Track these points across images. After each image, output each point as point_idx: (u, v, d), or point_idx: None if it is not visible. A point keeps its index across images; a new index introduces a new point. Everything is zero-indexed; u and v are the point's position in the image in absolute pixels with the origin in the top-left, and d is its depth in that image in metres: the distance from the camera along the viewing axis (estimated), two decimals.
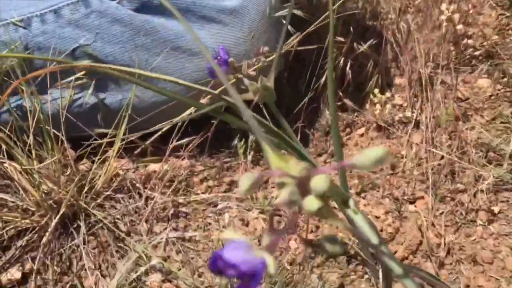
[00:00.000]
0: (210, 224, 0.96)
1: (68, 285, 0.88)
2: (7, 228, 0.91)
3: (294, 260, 0.91)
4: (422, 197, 1.09)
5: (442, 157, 1.13)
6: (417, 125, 1.25)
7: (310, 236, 0.98)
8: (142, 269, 0.86)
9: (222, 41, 1.06)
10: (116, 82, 1.04)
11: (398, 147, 1.20)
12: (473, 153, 1.17)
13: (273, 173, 0.38)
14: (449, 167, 1.12)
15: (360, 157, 0.39)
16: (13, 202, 0.92)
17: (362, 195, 1.11)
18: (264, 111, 0.77)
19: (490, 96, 1.34)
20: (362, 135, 1.25)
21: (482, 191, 1.11)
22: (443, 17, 1.33)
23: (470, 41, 1.49)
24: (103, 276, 0.89)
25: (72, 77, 0.97)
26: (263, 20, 1.08)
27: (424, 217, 1.04)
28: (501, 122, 1.28)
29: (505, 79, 1.37)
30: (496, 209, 1.07)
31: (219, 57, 0.68)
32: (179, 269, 0.87)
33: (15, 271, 0.89)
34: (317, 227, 1.00)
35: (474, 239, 1.02)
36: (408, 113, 1.26)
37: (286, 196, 0.35)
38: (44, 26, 0.99)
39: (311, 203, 0.38)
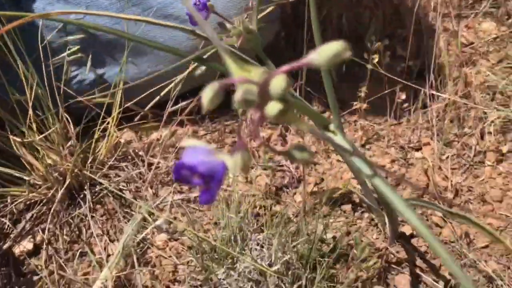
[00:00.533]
0: None
1: (78, 253, 0.90)
2: (16, 202, 0.93)
3: (299, 212, 0.91)
4: (428, 143, 1.08)
5: (448, 103, 1.11)
6: (421, 73, 1.23)
7: (315, 188, 0.97)
8: (148, 229, 0.87)
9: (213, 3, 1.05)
10: (112, 56, 1.05)
11: (402, 96, 1.18)
12: (480, 96, 1.15)
13: (235, 80, 0.38)
14: (455, 111, 1.10)
15: (316, 55, 0.39)
16: (19, 177, 0.93)
17: (367, 146, 1.10)
18: None
19: (495, 38, 1.31)
20: (371, 87, 1.23)
21: (489, 132, 1.09)
22: None
23: None
24: (111, 241, 0.91)
25: (65, 53, 0.98)
26: None
27: (431, 162, 1.03)
28: (508, 64, 1.25)
29: (510, 20, 1.33)
30: (504, 148, 1.05)
31: (197, 2, 0.68)
32: (185, 229, 0.88)
33: (27, 242, 0.91)
34: (322, 179, 1.00)
35: (483, 180, 1.00)
36: (411, 62, 1.24)
37: (241, 95, 0.36)
38: (34, 3, 1.00)
39: (272, 106, 0.38)
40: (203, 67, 0.97)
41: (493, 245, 0.89)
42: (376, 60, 1.08)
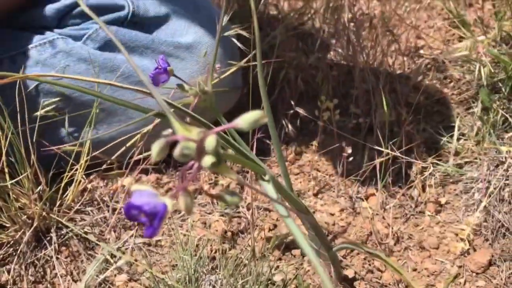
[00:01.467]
0: (173, 229, 1.04)
1: None
2: None
3: (253, 255, 0.98)
4: (374, 194, 1.17)
5: (396, 157, 1.22)
6: (371, 130, 1.34)
7: (270, 234, 1.05)
8: (109, 270, 0.93)
9: (180, 75, 1.16)
10: (85, 116, 1.12)
11: (355, 151, 1.28)
12: (423, 151, 1.26)
13: (177, 138, 0.47)
14: (399, 165, 1.21)
15: (240, 120, 0.49)
16: None
17: (320, 196, 1.19)
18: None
19: (438, 100, 1.44)
20: (322, 142, 1.33)
21: (430, 185, 1.19)
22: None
23: (421, 51, 1.60)
24: (75, 281, 0.96)
25: (39, 112, 1.06)
26: (217, 50, 1.18)
27: (375, 211, 1.12)
28: (449, 123, 1.37)
29: (452, 83, 1.47)
30: (443, 200, 1.15)
31: (159, 67, 0.78)
32: (144, 271, 0.94)
33: None
34: (275, 226, 1.08)
35: (422, 228, 1.09)
36: (361, 120, 1.36)
37: (179, 151, 0.45)
38: (14, 66, 1.09)
39: (207, 159, 0.47)
40: (170, 130, 1.06)
41: None
42: (326, 117, 1.19)
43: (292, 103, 1.23)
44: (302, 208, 0.75)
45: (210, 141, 0.47)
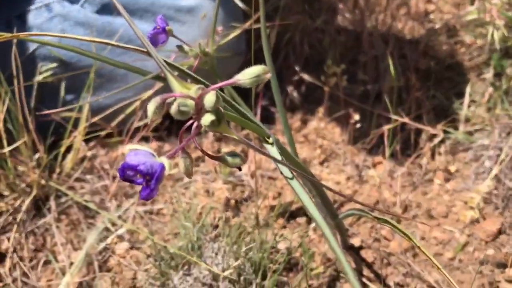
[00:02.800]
0: (176, 197, 1.01)
1: (42, 261, 0.93)
2: None
3: (257, 223, 0.96)
4: (381, 162, 1.14)
5: (404, 124, 1.18)
6: (379, 97, 1.30)
7: (274, 202, 1.02)
8: (110, 238, 0.91)
9: (182, 38, 1.12)
10: (83, 81, 1.09)
11: (362, 118, 1.25)
12: (433, 118, 1.22)
13: (176, 95, 0.44)
14: (407, 132, 1.17)
15: (241, 75, 0.46)
16: None
17: (325, 164, 1.16)
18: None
19: (449, 65, 1.39)
20: (328, 108, 1.30)
21: (439, 153, 1.16)
22: None
23: (431, 16, 1.55)
24: (75, 250, 0.94)
25: (36, 78, 1.03)
26: (218, 14, 1.13)
27: (382, 179, 1.09)
28: (460, 90, 1.33)
29: (463, 49, 1.42)
30: (452, 168, 1.12)
31: (158, 26, 0.74)
32: (147, 238, 0.92)
33: None
34: (279, 194, 1.05)
35: (431, 196, 1.06)
36: (369, 86, 1.32)
37: (175, 107, 0.42)
38: (9, 30, 1.05)
39: (206, 118, 0.44)
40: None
41: (437, 258, 0.95)
42: (333, 83, 1.15)
43: (297, 69, 1.19)
44: (308, 174, 0.72)
45: (210, 98, 0.43)
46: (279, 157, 0.51)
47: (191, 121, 0.46)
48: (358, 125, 1.17)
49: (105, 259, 0.92)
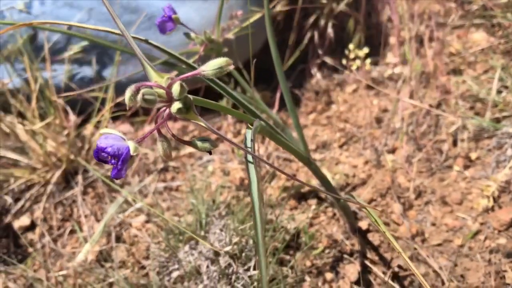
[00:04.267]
0: (195, 175, 1.06)
1: (69, 230, 1.01)
2: (18, 183, 1.05)
3: (270, 205, 0.99)
4: (402, 147, 1.14)
5: (428, 111, 1.17)
6: (407, 81, 1.29)
7: (288, 183, 1.05)
8: (128, 211, 0.97)
9: (204, 14, 1.15)
10: (110, 57, 1.15)
11: (386, 103, 1.24)
12: (459, 104, 1.20)
13: (149, 84, 0.48)
14: (433, 118, 1.16)
15: (205, 67, 0.49)
16: (22, 161, 1.05)
17: (345, 147, 1.17)
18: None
19: (483, 49, 1.35)
20: (352, 92, 1.30)
21: (462, 140, 1.14)
22: None
23: None
24: (98, 221, 1.01)
25: (70, 52, 1.09)
26: None
27: (399, 164, 1.09)
28: (492, 75, 1.29)
29: (500, 32, 1.37)
30: (473, 155, 1.10)
31: (165, 15, 0.78)
32: (162, 212, 0.98)
33: (25, 218, 1.03)
34: (294, 175, 1.08)
35: (447, 183, 1.06)
36: (397, 70, 1.31)
37: (140, 96, 0.45)
38: (43, 8, 1.12)
39: (174, 106, 0.48)
40: (200, 63, 1.07)
41: (446, 244, 0.95)
42: (355, 66, 1.16)
43: (320, 52, 1.19)
44: (304, 158, 0.75)
45: (175, 88, 0.47)
46: (249, 142, 0.54)
47: (163, 108, 0.50)
48: (381, 110, 1.17)
49: (124, 231, 0.98)
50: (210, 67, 0.48)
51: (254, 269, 0.81)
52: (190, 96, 0.49)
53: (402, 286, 0.89)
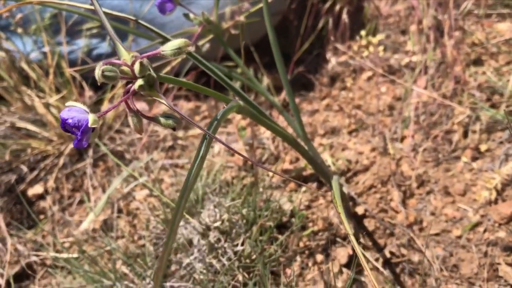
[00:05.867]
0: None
1: (78, 200, 1.06)
2: (34, 153, 1.10)
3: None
4: (413, 136, 1.13)
5: (442, 101, 1.15)
6: (424, 70, 1.27)
7: (290, 166, 1.07)
8: (132, 185, 1.01)
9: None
10: (126, 35, 1.19)
11: (401, 91, 1.23)
12: (476, 95, 1.18)
13: (117, 62, 0.50)
14: (446, 108, 1.15)
15: (165, 47, 0.51)
16: (40, 133, 1.11)
17: (354, 134, 1.17)
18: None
19: (508, 40, 1.32)
20: (368, 79, 1.30)
21: (474, 131, 1.12)
22: None
23: None
24: (105, 193, 1.06)
25: (84, 27, 1.13)
26: None
27: (405, 153, 1.08)
28: None
29: None
30: (483, 147, 1.08)
31: None
32: (167, 188, 1.01)
33: (39, 187, 1.08)
34: (297, 159, 1.09)
35: (452, 174, 1.04)
36: (415, 59, 1.29)
37: (99, 72, 0.48)
38: None
39: (136, 83, 0.51)
40: (208, 45, 1.09)
41: (444, 234, 0.95)
42: (366, 53, 1.15)
43: (332, 38, 1.19)
44: (290, 141, 0.76)
45: (136, 66, 0.50)
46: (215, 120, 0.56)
47: (130, 85, 0.52)
48: (394, 98, 1.16)
49: (127, 203, 1.02)
50: (169, 47, 0.50)
51: (242, 245, 0.83)
52: (154, 74, 0.51)
53: (393, 272, 0.90)
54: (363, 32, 1.14)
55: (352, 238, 0.50)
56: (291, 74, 1.20)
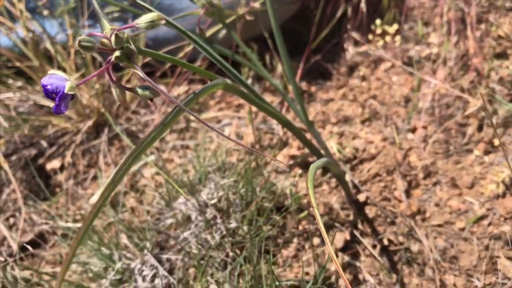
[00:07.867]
0: (211, 137, 1.11)
1: (92, 175, 1.10)
2: (54, 130, 1.16)
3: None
4: (425, 127, 1.12)
5: (459, 94, 1.13)
6: (444, 62, 1.25)
7: (297, 152, 1.07)
8: (141, 163, 1.05)
9: None
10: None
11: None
12: (496, 89, 1.15)
13: (98, 34, 0.53)
14: (463, 101, 1.13)
15: (139, 20, 0.53)
16: None
17: (367, 123, 1.17)
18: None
19: None
20: (386, 70, 1.28)
21: (489, 125, 1.10)
22: None
23: None
24: None
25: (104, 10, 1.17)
26: None
27: (415, 143, 1.07)
28: None
29: None
30: (496, 141, 1.06)
31: None
32: (175, 167, 1.04)
33: (57, 162, 1.13)
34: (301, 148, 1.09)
35: (462, 166, 1.03)
36: (436, 50, 1.27)
37: (77, 42, 0.51)
38: None
39: (115, 54, 0.53)
40: (224, 31, 1.11)
41: (447, 225, 0.94)
42: (381, 42, 1.14)
43: (349, 27, 1.19)
44: (284, 122, 0.77)
45: (112, 38, 0.52)
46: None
47: (110, 57, 0.55)
48: (411, 89, 1.15)
49: (137, 180, 1.06)
50: (142, 20, 0.52)
51: (236, 223, 0.85)
52: (133, 47, 0.53)
53: (390, 260, 0.89)
54: (378, 21, 1.14)
55: (316, 211, 0.51)
56: (308, 63, 1.21)
